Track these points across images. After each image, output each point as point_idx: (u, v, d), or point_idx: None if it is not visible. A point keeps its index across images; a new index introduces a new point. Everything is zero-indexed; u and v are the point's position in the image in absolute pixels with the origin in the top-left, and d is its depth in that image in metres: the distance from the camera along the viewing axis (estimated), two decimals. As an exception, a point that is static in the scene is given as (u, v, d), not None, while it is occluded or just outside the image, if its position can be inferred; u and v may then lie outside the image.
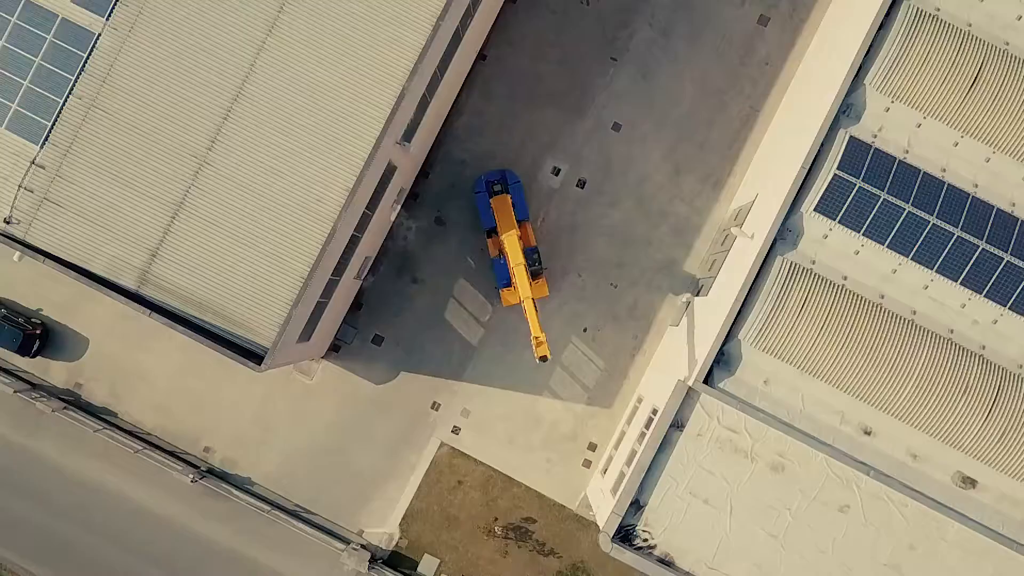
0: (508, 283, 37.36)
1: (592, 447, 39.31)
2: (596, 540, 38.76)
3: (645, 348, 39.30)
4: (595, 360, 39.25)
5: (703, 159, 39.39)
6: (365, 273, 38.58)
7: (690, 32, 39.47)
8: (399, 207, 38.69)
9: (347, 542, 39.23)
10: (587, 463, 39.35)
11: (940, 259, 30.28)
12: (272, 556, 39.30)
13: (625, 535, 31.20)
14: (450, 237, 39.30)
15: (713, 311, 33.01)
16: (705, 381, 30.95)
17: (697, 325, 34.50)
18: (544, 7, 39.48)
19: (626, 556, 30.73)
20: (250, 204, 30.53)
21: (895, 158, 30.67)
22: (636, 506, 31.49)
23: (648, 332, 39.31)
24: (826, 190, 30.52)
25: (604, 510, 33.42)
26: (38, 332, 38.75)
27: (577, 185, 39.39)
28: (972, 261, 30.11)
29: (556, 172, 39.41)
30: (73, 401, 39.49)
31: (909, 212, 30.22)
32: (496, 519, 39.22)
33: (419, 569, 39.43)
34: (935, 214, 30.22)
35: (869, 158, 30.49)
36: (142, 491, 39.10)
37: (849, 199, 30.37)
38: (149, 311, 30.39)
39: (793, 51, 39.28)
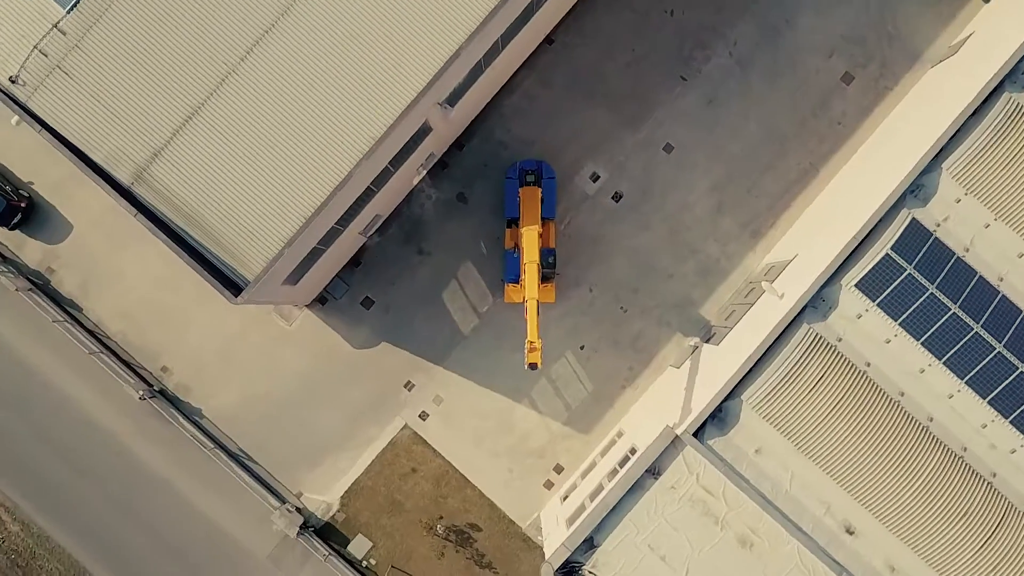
0: (516, 279, 35.26)
1: (559, 469, 37.18)
2: (538, 567, 36.72)
3: (639, 382, 37.15)
4: (584, 381, 37.12)
5: (749, 204, 37.20)
6: (372, 231, 36.47)
7: (769, 70, 37.27)
8: (424, 172, 36.60)
9: (282, 501, 37.19)
10: (549, 484, 37.23)
11: (973, 371, 28.10)
12: (203, 496, 37.26)
13: (570, 571, 29.10)
14: (469, 217, 37.16)
15: (721, 363, 30.88)
16: (695, 434, 28.84)
17: (700, 373, 32.34)
18: (627, 6, 37.27)
19: (565, 594, 28.66)
20: (269, 128, 28.43)
21: (954, 253, 28.48)
22: (588, 544, 29.41)
23: (646, 367, 37.15)
24: (873, 268, 28.35)
25: (554, 539, 31.35)
26: (22, 205, 36.71)
27: (612, 197, 37.22)
28: (1007, 383, 27.94)
29: (594, 178, 37.25)
30: (40, 285, 37.45)
31: (954, 314, 28.04)
32: (441, 517, 37.14)
33: (349, 547, 37.37)
34: (981, 323, 28.04)
35: (927, 246, 28.29)
36: (87, 394, 37.06)
37: (895, 284, 28.19)
38: (136, 211, 28.33)
39: (870, 117, 37.04)
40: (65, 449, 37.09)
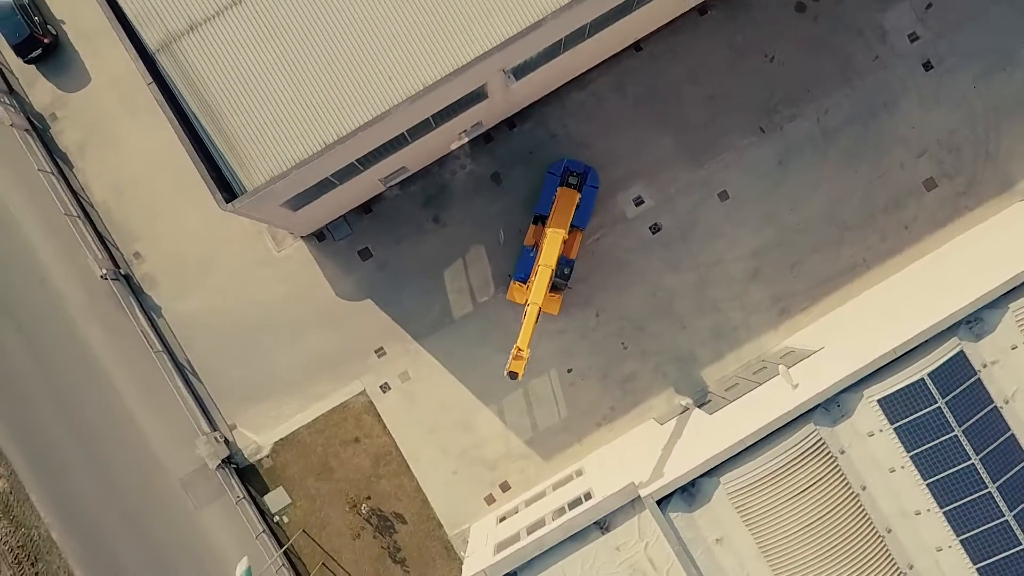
0: (525, 279, 32.74)
1: (505, 487, 34.66)
2: (451, 579, 34.27)
3: (616, 425, 34.60)
4: (561, 406, 34.58)
5: (787, 280, 34.61)
6: (393, 183, 33.95)
7: (852, 150, 34.67)
8: (466, 140, 34.07)
9: (213, 428, 34.73)
10: (491, 499, 34.72)
11: (973, 531, 25.54)
12: (135, 398, 34.77)
13: (480, 604, 26.71)
14: (498, 200, 34.60)
15: (709, 436, 28.36)
16: (659, 501, 26.35)
17: (683, 438, 29.80)
18: (727, 37, 34.67)
19: (469, 625, 26.21)
20: (319, 37, 25.89)
21: (992, 402, 25.89)
22: (511, 579, 27.00)
23: (629, 411, 34.60)
24: (902, 389, 25.79)
25: (476, 560, 28.86)
26: (46, 40, 34.22)
27: (651, 227, 34.64)
28: (1004, 555, 25.35)
29: (638, 202, 34.67)
30: (39, 130, 34.95)
31: (972, 465, 25.47)
32: (369, 497, 34.63)
33: (266, 497, 34.88)
34: (997, 484, 25.47)
35: (966, 385, 25.71)
36: (49, 253, 34.55)
37: (920, 413, 25.63)
38: (151, 80, 25.82)
39: (941, 230, 34.46)
40: (10, 300, 34.60)
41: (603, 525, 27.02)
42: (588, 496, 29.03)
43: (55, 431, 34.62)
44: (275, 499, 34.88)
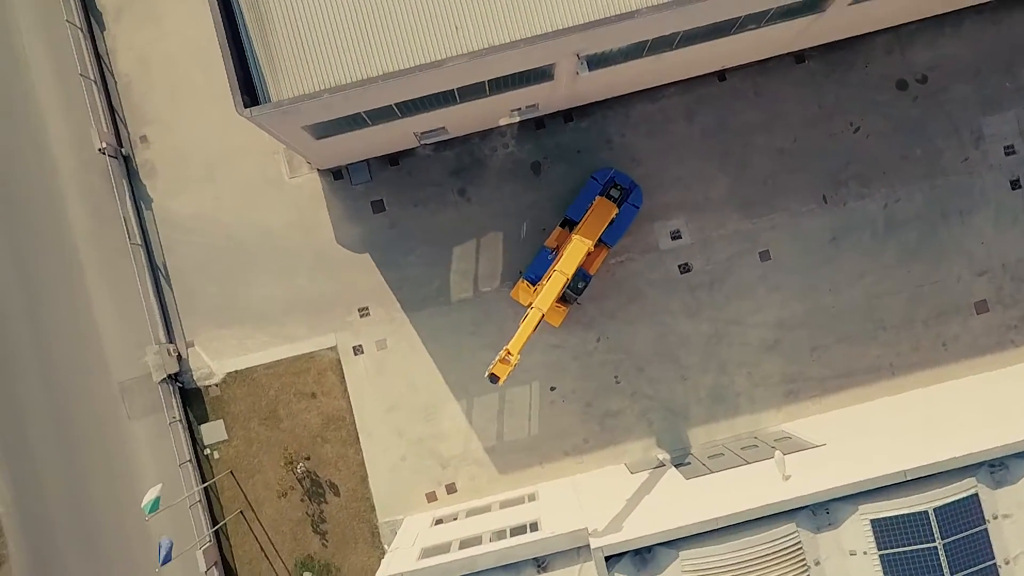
0: (536, 280, 30.34)
1: (452, 489, 32.30)
2: (363, 567, 32.02)
3: (585, 459, 32.23)
4: (533, 423, 32.21)
5: (805, 362, 32.20)
6: (428, 142, 31.58)
7: (912, 249, 32.25)
8: (517, 119, 31.68)
9: (170, 340, 32.40)
10: (433, 497, 32.36)
11: None
12: (99, 286, 32.43)
13: (389, 608, 24.39)
14: (531, 190, 32.21)
15: (679, 501, 26.00)
16: (608, 557, 23.98)
17: (652, 495, 27.42)
18: (816, 94, 32.25)
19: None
20: (393, -35, 23.55)
21: (993, 558, 23.48)
22: (428, 591, 24.68)
23: (601, 449, 32.23)
24: (901, 516, 23.38)
25: (397, 560, 26.55)
26: None
27: (680, 266, 32.24)
28: None
29: (675, 236, 32.28)
30: (79, -20, 32.64)
31: (953, 618, 23.03)
32: (308, 459, 32.30)
33: (202, 427, 32.56)
34: (974, 646, 23.02)
35: (971, 532, 23.30)
36: (53, 109, 32.12)
37: (913, 547, 23.22)
38: (204, -46, 23.48)
39: (981, 358, 32.02)
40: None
41: (541, 564, 24.73)
42: (534, 527, 26.68)
43: (12, 308, 32.32)
44: (211, 431, 32.56)
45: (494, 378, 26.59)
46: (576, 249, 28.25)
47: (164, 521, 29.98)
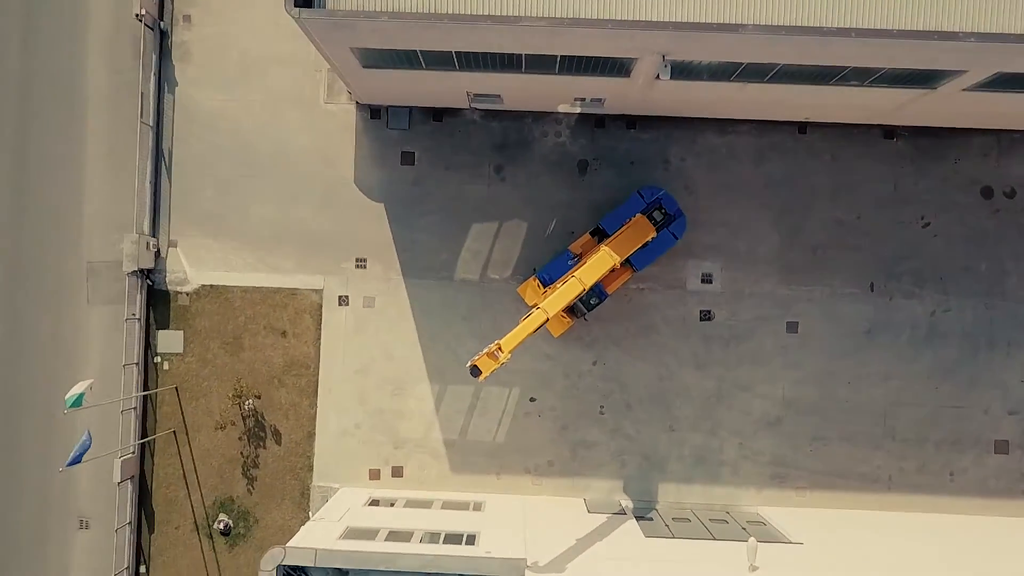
0: (548, 283, 28.02)
1: (397, 473, 30.05)
2: (283, 526, 29.97)
3: (544, 483, 29.95)
4: (502, 430, 29.93)
5: (801, 449, 29.90)
6: (479, 107, 29.32)
7: (948, 364, 29.93)
8: (578, 110, 29.39)
9: (154, 235, 30.17)
10: (376, 475, 30.10)
11: None
12: (98, 157, 30.22)
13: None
14: (571, 188, 29.92)
15: (632, 558, 23.70)
16: (540, 598, 21.69)
17: (606, 542, 25.12)
18: (894, 175, 29.95)
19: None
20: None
21: None
22: (338, 573, 22.44)
23: (564, 477, 29.96)
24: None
25: (317, 531, 24.34)
26: None
27: (702, 311, 29.92)
28: None
29: (705, 279, 29.95)
30: None
31: None
32: (259, 397, 30.04)
33: (160, 332, 30.30)
34: None
35: None
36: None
37: None
38: None
39: (986, 501, 29.66)
40: None
41: (465, 583, 22.43)
42: (471, 540, 24.37)
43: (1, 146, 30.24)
44: (168, 340, 30.31)
45: (476, 371, 24.29)
46: (602, 261, 25.92)
47: (92, 423, 27.76)
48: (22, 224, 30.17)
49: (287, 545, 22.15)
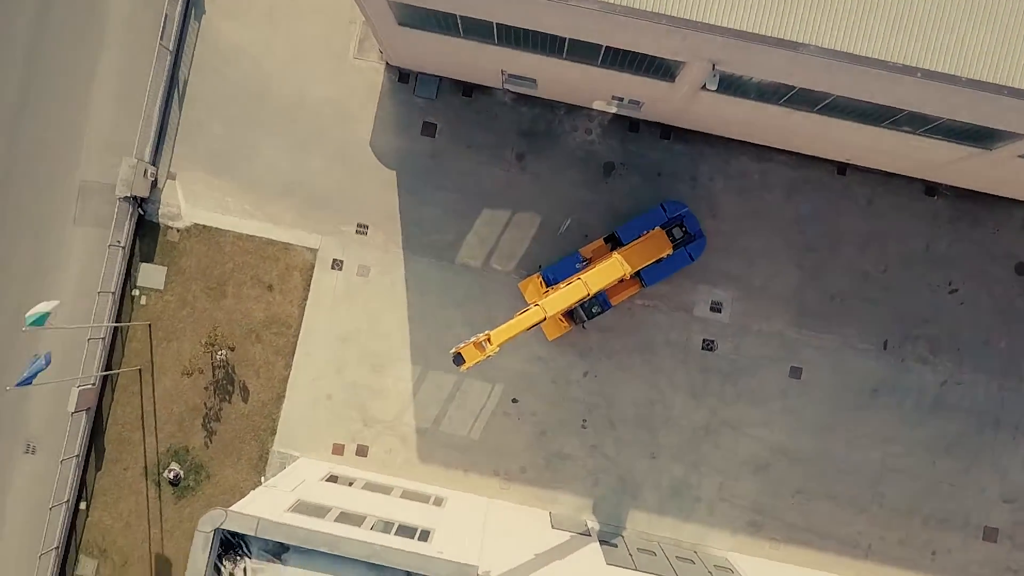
0: (553, 282, 26.66)
1: (362, 452, 28.70)
2: (235, 485, 28.81)
3: (512, 488, 28.59)
4: (477, 427, 28.59)
5: (783, 500, 28.54)
6: (513, 87, 27.94)
7: (949, 439, 28.60)
8: (614, 110, 28.03)
9: (153, 164, 28.84)
10: (339, 450, 28.77)
11: None
12: (109, 73, 28.93)
13: (227, 544, 20.81)
14: (591, 190, 28.57)
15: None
16: (486, 611, 20.35)
17: (566, 562, 23.78)
18: (929, 234, 28.63)
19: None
20: None
21: None
22: (279, 548, 21.26)
23: (534, 486, 28.59)
24: None
25: (266, 498, 23.08)
26: None
27: (705, 340, 28.55)
28: None
29: (714, 307, 28.58)
30: None
31: None
32: (233, 350, 28.71)
33: (143, 265, 28.95)
34: None
35: None
36: None
37: None
38: None
39: (967, 586, 28.24)
40: None
41: (413, 580, 21.09)
42: (425, 536, 23.05)
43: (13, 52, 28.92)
44: (150, 274, 28.98)
45: (459, 359, 22.88)
46: (612, 268, 24.54)
47: (55, 347, 26.54)
48: (21, 132, 28.86)
49: (230, 508, 20.85)
